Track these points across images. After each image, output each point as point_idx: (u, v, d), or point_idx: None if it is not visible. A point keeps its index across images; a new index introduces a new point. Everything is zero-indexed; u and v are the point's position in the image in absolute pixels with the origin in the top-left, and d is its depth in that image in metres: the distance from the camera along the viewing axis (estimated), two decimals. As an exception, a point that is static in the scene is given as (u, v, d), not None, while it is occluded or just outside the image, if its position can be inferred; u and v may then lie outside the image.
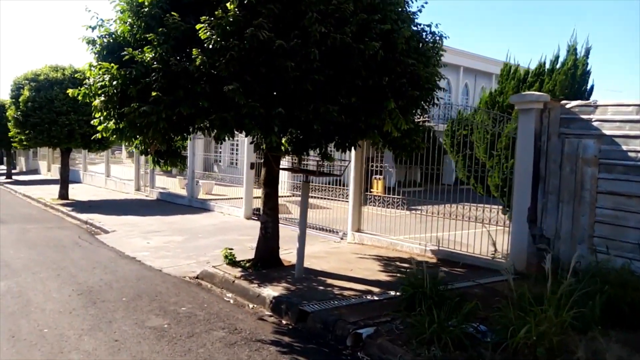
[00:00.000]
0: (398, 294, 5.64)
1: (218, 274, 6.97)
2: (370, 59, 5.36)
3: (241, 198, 14.12)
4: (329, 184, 14.12)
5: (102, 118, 5.93)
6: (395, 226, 9.22)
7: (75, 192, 18.64)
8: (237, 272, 6.96)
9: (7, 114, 16.62)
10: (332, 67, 5.31)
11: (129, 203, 16.94)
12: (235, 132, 5.77)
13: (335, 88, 5.39)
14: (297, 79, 5.10)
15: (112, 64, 5.30)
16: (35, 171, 33.58)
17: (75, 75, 16.19)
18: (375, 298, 5.74)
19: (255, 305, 5.95)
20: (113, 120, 5.81)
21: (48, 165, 30.89)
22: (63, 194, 17.28)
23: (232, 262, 7.36)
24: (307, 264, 7.37)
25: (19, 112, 15.68)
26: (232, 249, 7.56)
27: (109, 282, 6.73)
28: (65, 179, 17.43)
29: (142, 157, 19.63)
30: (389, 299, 5.70)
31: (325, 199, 12.29)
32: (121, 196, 18.86)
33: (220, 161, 24.71)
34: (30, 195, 18.72)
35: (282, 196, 14.72)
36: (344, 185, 12.10)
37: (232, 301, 6.14)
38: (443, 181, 8.85)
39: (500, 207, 8.73)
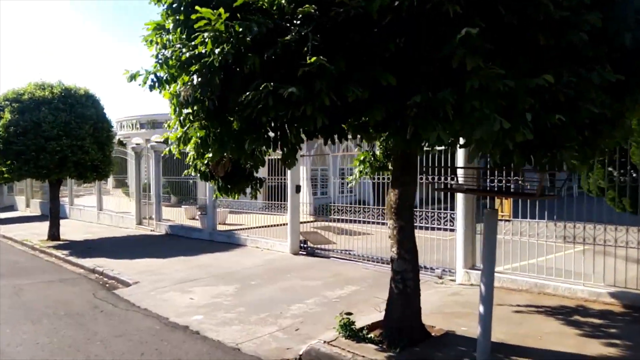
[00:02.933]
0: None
1: (342, 358, 4.51)
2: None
3: (272, 226, 11.77)
4: (352, 203, 11.93)
5: (182, 119, 3.48)
6: (515, 257, 6.96)
7: (65, 230, 15.70)
8: (372, 352, 4.53)
9: (-16, 142, 13.77)
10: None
11: (135, 241, 14.23)
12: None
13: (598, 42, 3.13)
14: (563, 22, 2.82)
15: (221, 11, 2.89)
16: (12, 207, 30.20)
17: (81, 90, 13.77)
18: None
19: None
20: (203, 120, 3.36)
21: (26, 200, 27.71)
22: (53, 234, 14.48)
23: (352, 334, 4.92)
24: (451, 326, 5.06)
25: (-1, 139, 12.90)
26: (350, 314, 5.10)
27: (180, 385, 4.21)
28: (56, 216, 14.65)
29: (141, 184, 17.02)
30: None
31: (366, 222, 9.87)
32: (121, 232, 16.08)
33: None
34: (12, 237, 15.75)
35: (304, 222, 12.27)
36: (365, 203, 10.49)
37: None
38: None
39: None
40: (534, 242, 6.81)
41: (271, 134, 3.53)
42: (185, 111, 3.40)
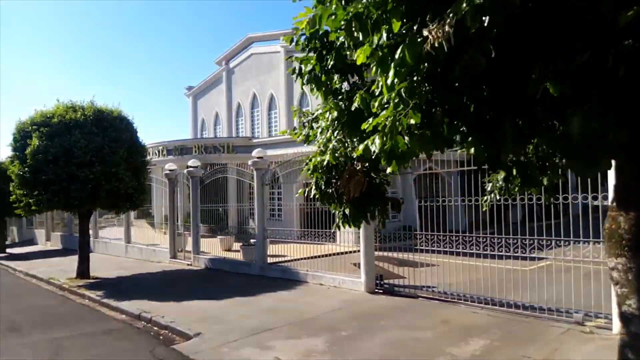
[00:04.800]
0: None
1: None
2: None
3: (322, 257, 10.49)
4: (397, 229, 10.04)
5: (403, 91, 2.01)
6: None
7: (94, 265, 14.22)
8: None
9: (9, 171, 12.50)
10: None
11: (175, 278, 12.72)
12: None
13: None
14: None
15: None
16: (31, 241, 28.96)
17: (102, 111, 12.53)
18: None
19: None
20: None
21: (47, 234, 26.46)
22: (83, 271, 13.13)
23: None
24: None
25: (25, 168, 11.60)
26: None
27: None
28: (85, 252, 13.28)
29: (175, 214, 15.58)
30: None
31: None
32: (156, 267, 14.62)
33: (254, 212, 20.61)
34: (36, 275, 14.38)
35: (349, 252, 10.51)
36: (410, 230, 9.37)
37: None
38: None
39: None
40: None
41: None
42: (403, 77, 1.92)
